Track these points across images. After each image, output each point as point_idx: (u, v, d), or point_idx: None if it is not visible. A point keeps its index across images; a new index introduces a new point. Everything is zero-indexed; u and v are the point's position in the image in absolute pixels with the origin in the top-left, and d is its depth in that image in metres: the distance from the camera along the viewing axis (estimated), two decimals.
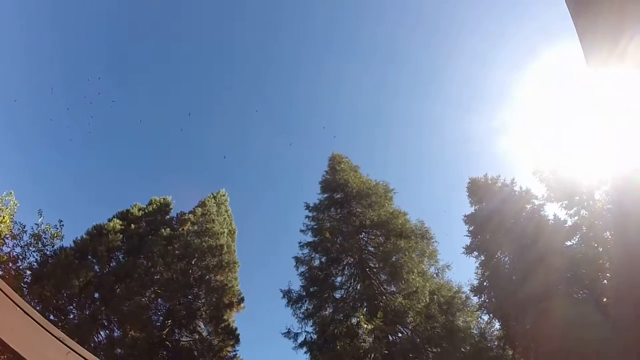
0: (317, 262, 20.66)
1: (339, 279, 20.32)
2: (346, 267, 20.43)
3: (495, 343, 18.24)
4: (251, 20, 45.67)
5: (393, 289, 19.12)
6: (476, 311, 18.64)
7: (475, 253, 21.38)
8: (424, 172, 49.02)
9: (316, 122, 50.39)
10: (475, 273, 20.97)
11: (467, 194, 24.23)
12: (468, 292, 19.57)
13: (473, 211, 23.10)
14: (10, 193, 17.95)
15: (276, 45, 46.95)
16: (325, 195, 23.51)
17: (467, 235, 22.07)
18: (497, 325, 19.07)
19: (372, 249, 20.87)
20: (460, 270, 33.51)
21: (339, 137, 52.29)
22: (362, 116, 49.95)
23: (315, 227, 21.91)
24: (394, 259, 18.89)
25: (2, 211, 17.56)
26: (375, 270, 20.03)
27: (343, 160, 24.93)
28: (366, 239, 21.25)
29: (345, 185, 22.66)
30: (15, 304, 2.03)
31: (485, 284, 20.26)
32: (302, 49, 47.28)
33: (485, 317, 19.31)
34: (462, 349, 16.21)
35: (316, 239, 21.29)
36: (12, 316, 2.02)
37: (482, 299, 19.90)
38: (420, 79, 47.35)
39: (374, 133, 49.76)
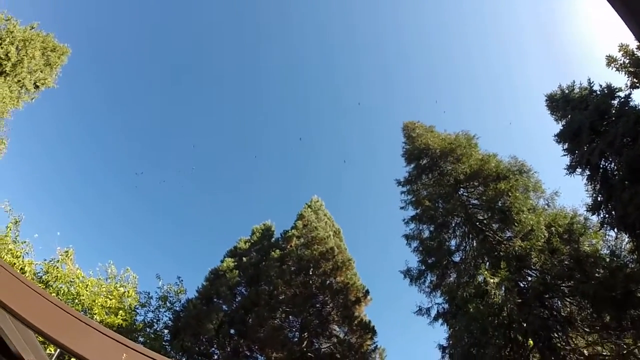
0: (426, 233, 21.83)
1: (452, 242, 21.28)
2: (456, 228, 21.38)
3: (629, 257, 17.77)
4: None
5: (508, 234, 19.68)
6: (599, 230, 18.51)
7: (579, 170, 21.67)
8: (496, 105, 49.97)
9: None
10: (585, 191, 21.20)
11: (548, 112, 24.80)
12: (585, 212, 19.72)
13: (561, 127, 23.43)
14: (127, 269, 20.98)
15: None
16: (412, 165, 24.83)
17: (565, 154, 22.53)
18: (625, 238, 18.77)
19: (475, 201, 21.75)
20: (570, 193, 33.69)
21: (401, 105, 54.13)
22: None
23: (413, 199, 23.13)
24: (500, 204, 19.72)
25: (126, 287, 20.33)
26: (485, 222, 20.81)
27: (416, 125, 26.16)
28: (466, 194, 22.19)
29: (427, 148, 23.84)
30: None
31: (599, 198, 20.42)
32: None
33: (612, 234, 19.18)
34: (596, 274, 16.11)
35: (418, 210, 22.47)
36: None
37: (602, 216, 20.03)
38: None
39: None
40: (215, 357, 21.57)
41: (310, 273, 22.59)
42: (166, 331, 21.86)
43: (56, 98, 34.01)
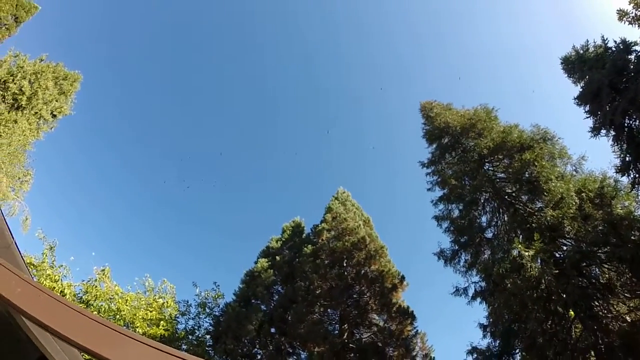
0: (456, 213, 21.73)
1: (483, 218, 21.17)
2: (485, 204, 21.26)
3: None
4: None
5: (539, 205, 19.39)
6: (631, 191, 18.13)
7: (603, 131, 21.26)
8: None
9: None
10: (612, 152, 20.91)
11: (565, 75, 24.47)
12: (614, 174, 19.28)
13: (580, 89, 23.06)
14: (164, 281, 21.73)
15: None
16: (434, 145, 24.72)
17: (587, 117, 22.15)
18: None
19: (501, 175, 21.56)
20: (597, 156, 33.13)
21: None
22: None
23: (439, 179, 23.15)
24: (527, 175, 19.49)
25: (165, 298, 20.99)
26: (514, 194, 20.59)
27: (433, 104, 26.07)
28: (492, 168, 22.04)
29: (447, 126, 23.71)
30: None
31: (627, 159, 20.12)
32: None
33: None
34: (632, 237, 15.48)
35: (445, 190, 22.42)
36: None
37: (632, 176, 19.79)
38: None
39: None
40: (259, 357, 22.11)
41: (344, 264, 22.91)
42: (208, 336, 22.52)
43: (75, 119, 34.86)
